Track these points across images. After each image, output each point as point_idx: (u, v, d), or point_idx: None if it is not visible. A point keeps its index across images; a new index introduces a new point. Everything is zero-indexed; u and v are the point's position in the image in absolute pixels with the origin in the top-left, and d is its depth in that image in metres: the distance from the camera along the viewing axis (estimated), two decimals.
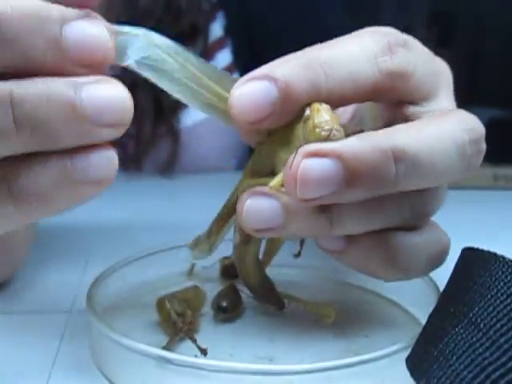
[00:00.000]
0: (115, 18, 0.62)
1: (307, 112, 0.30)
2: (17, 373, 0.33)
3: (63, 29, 0.28)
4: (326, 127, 0.29)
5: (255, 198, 0.31)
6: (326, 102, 0.30)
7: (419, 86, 0.34)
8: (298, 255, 0.37)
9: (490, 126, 0.35)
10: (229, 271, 0.42)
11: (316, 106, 0.30)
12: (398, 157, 0.29)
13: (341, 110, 0.35)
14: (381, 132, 0.30)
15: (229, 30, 0.66)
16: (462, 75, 0.41)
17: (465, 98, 0.39)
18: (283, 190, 0.31)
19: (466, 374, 0.24)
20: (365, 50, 0.32)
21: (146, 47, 0.31)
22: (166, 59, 0.31)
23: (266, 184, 0.31)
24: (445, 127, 0.32)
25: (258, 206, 0.31)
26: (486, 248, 0.30)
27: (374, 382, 0.30)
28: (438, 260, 0.34)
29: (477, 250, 0.29)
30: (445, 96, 0.36)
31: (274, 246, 0.37)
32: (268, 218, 0.31)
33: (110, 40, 0.28)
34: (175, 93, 0.31)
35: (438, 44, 0.38)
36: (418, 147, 0.30)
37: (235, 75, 0.68)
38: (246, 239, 0.35)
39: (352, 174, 0.29)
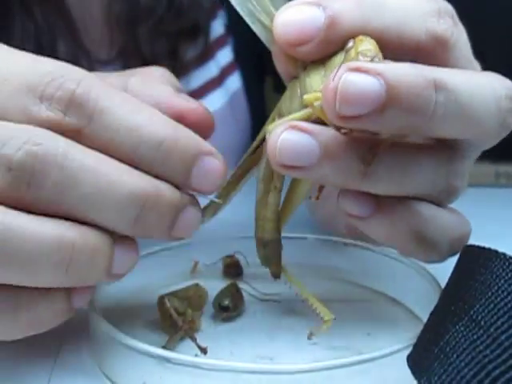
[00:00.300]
0: (116, 16, 0.63)
1: (350, 43, 0.30)
2: (18, 372, 0.33)
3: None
4: (369, 54, 0.29)
5: (292, 133, 0.30)
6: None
7: (456, 63, 0.33)
8: (316, 198, 0.34)
9: None
10: (231, 270, 0.42)
11: (361, 37, 0.30)
12: (440, 86, 0.29)
13: None
14: (424, 66, 0.30)
15: (230, 27, 0.66)
16: None
17: None
18: (317, 104, 0.30)
19: (466, 372, 0.24)
20: (417, 6, 0.32)
21: None
22: None
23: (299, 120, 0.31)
24: (485, 77, 0.32)
25: (294, 141, 0.30)
26: (487, 245, 0.29)
27: (376, 380, 0.30)
28: (459, 244, 0.34)
29: (478, 247, 0.29)
30: None
31: (290, 205, 0.36)
32: (303, 154, 0.30)
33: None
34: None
35: None
36: (460, 85, 0.30)
37: (236, 74, 0.68)
38: (268, 189, 0.35)
39: (393, 93, 0.28)
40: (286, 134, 0.30)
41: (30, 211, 0.29)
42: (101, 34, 0.63)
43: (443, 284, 0.32)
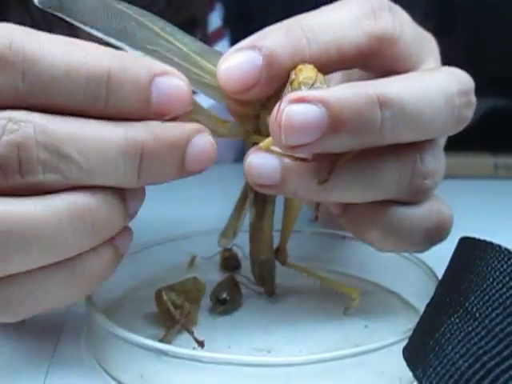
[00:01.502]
0: None
1: (293, 76, 0.31)
2: (15, 365, 0.33)
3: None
4: (310, 82, 0.30)
5: (257, 155, 0.32)
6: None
7: (407, 52, 0.34)
8: (315, 219, 0.37)
9: (490, 114, 0.35)
10: (229, 263, 0.42)
11: (300, 66, 0.31)
12: (384, 102, 0.29)
13: (327, 77, 0.35)
14: (367, 82, 0.30)
15: (227, 20, 0.66)
16: (461, 64, 0.41)
17: None
18: (274, 148, 0.31)
19: (461, 364, 0.24)
20: (348, 15, 0.33)
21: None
22: (155, 38, 0.32)
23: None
24: (433, 78, 0.32)
25: (258, 162, 0.31)
26: (486, 237, 0.29)
27: (373, 372, 0.30)
28: (438, 235, 0.34)
29: (473, 239, 0.29)
30: (433, 63, 0.36)
31: (288, 223, 0.37)
32: (268, 174, 0.31)
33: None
34: None
35: (438, 32, 0.38)
36: (405, 94, 0.30)
37: None
38: (260, 213, 0.36)
39: (336, 118, 0.29)
40: (252, 157, 0.32)
41: (31, 194, 0.29)
42: None
43: (440, 275, 0.32)
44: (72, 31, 0.61)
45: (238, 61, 0.31)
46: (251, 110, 0.33)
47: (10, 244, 0.28)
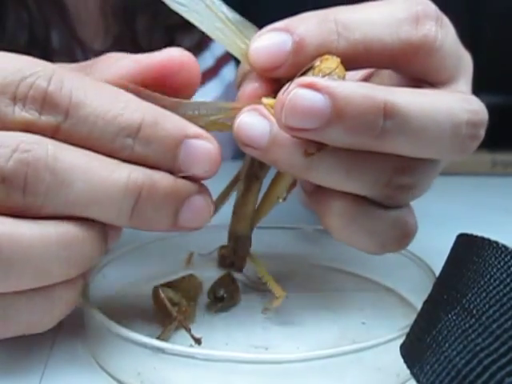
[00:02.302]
0: (112, 8, 0.62)
1: (317, 62, 0.31)
2: (13, 363, 0.33)
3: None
4: (327, 72, 0.31)
5: (251, 115, 0.32)
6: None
7: (442, 66, 0.34)
8: (283, 200, 0.37)
9: (488, 111, 0.34)
10: (226, 260, 0.42)
11: (326, 56, 0.31)
12: (389, 111, 0.30)
13: (351, 73, 0.35)
14: (381, 86, 0.30)
15: None
16: None
17: None
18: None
19: (458, 361, 0.24)
20: (389, 16, 0.32)
21: None
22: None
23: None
24: (446, 100, 0.32)
25: (250, 122, 0.32)
26: (483, 233, 0.29)
27: (370, 369, 0.30)
28: (395, 244, 0.35)
29: (471, 235, 0.29)
30: (465, 84, 0.36)
31: (266, 205, 0.37)
32: (255, 136, 0.32)
33: None
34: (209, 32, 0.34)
35: None
36: (412, 109, 0.30)
37: (231, 65, 0.67)
38: (247, 189, 0.36)
39: (338, 113, 0.29)
40: (246, 115, 0.32)
41: (25, 216, 0.29)
42: (96, 24, 0.62)
43: (438, 272, 0.32)
44: (69, 28, 0.61)
45: (268, 41, 0.32)
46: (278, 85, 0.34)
47: None
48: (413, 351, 0.27)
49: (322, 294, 0.38)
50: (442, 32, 0.33)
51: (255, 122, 0.32)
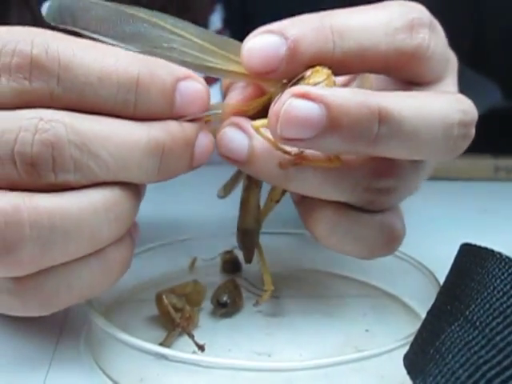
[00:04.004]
0: None
1: (308, 73, 0.31)
2: (15, 367, 0.33)
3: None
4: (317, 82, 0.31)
5: (231, 129, 0.33)
6: (330, 67, 0.31)
7: (432, 69, 0.34)
8: (276, 202, 0.37)
9: (490, 116, 0.34)
10: (229, 266, 0.42)
11: (318, 68, 0.31)
12: (383, 117, 0.29)
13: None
14: (373, 92, 0.30)
15: (227, 22, 0.66)
16: (461, 64, 0.41)
17: None
18: (263, 131, 0.32)
19: (461, 373, 0.24)
20: (385, 24, 0.32)
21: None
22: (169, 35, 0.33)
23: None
24: (438, 102, 0.32)
25: (230, 137, 0.33)
26: (486, 240, 0.29)
27: (373, 377, 0.30)
28: (382, 248, 0.34)
29: (474, 246, 0.29)
30: (451, 82, 0.36)
31: (265, 206, 0.38)
32: (235, 149, 0.32)
33: None
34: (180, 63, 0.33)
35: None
36: (405, 113, 0.30)
37: None
38: (249, 185, 0.36)
39: (334, 122, 0.29)
40: (227, 129, 0.33)
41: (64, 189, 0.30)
42: None
43: (441, 279, 0.32)
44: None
45: (262, 43, 0.32)
46: (270, 86, 0.34)
47: (53, 238, 0.29)
48: (416, 362, 0.27)
49: (326, 300, 0.38)
50: (434, 39, 0.33)
51: (235, 135, 0.32)
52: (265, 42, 0.32)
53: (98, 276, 0.32)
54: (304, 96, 0.29)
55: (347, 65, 0.32)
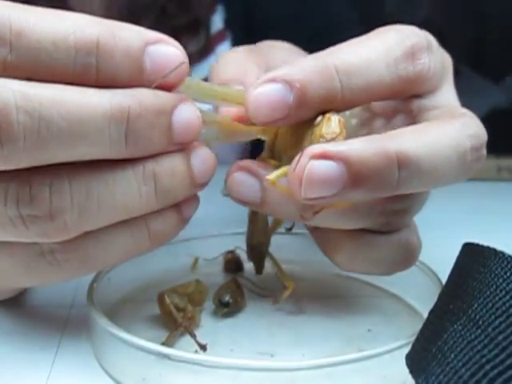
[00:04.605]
0: (117, 10, 0.62)
1: (318, 119, 0.31)
2: (18, 366, 0.33)
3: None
4: (330, 137, 0.30)
5: (241, 173, 0.33)
6: (338, 110, 0.31)
7: (432, 84, 0.34)
8: (290, 229, 0.38)
9: (493, 116, 0.34)
10: (231, 265, 0.42)
11: (328, 115, 0.31)
12: (402, 162, 0.29)
13: None
14: (386, 135, 0.30)
15: (229, 22, 0.66)
16: (463, 65, 0.41)
17: None
18: (280, 184, 0.31)
19: (463, 372, 0.24)
20: (385, 55, 0.32)
21: None
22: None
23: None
24: (449, 133, 0.31)
25: (241, 181, 0.33)
26: (489, 239, 0.29)
27: (376, 377, 0.30)
28: (403, 263, 0.35)
29: (477, 245, 0.29)
30: (448, 87, 0.36)
31: (275, 223, 0.38)
32: (248, 193, 0.33)
33: None
34: None
35: (440, 37, 0.38)
36: (422, 153, 0.30)
37: None
38: None
39: (356, 176, 0.29)
40: (237, 174, 0.33)
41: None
42: None
43: (444, 279, 0.32)
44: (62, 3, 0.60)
45: (268, 92, 0.31)
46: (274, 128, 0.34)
47: (89, 205, 0.30)
48: (418, 361, 0.27)
49: (328, 300, 0.38)
50: (433, 59, 0.33)
51: (246, 180, 0.33)
52: (270, 91, 0.31)
53: (133, 242, 0.32)
54: (322, 156, 0.29)
55: (355, 101, 0.32)
